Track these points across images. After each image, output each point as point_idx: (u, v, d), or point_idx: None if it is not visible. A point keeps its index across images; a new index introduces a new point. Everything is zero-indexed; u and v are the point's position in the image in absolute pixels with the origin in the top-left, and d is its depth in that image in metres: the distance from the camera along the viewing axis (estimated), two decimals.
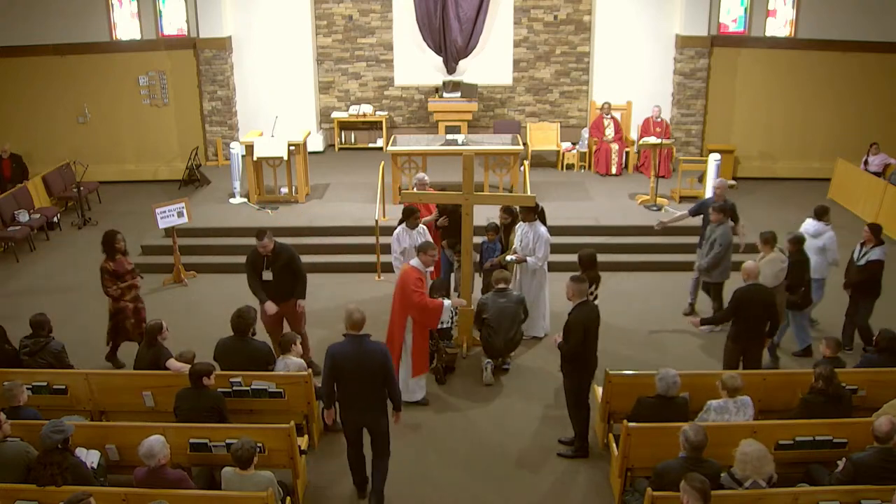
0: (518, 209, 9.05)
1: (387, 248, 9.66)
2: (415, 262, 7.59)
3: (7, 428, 5.71)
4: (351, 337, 6.00)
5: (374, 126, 16.04)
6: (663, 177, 13.18)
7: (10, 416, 5.94)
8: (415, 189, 9.80)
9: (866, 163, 13.93)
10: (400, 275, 7.61)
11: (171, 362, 6.94)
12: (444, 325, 8.36)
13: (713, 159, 12.53)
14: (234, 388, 6.73)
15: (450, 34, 15.11)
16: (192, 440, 6.09)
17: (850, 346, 8.71)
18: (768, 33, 14.95)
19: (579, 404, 6.94)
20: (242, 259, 11.10)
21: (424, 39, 15.29)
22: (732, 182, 14.46)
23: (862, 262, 8.44)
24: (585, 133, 14.96)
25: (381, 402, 6.12)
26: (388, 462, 6.30)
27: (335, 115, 15.98)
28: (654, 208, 12.29)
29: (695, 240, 9.80)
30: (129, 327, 8.39)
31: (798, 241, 8.33)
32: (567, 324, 6.77)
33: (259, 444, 5.87)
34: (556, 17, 15.59)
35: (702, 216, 9.57)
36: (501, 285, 8.15)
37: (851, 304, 8.70)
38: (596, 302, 8.18)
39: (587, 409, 7.00)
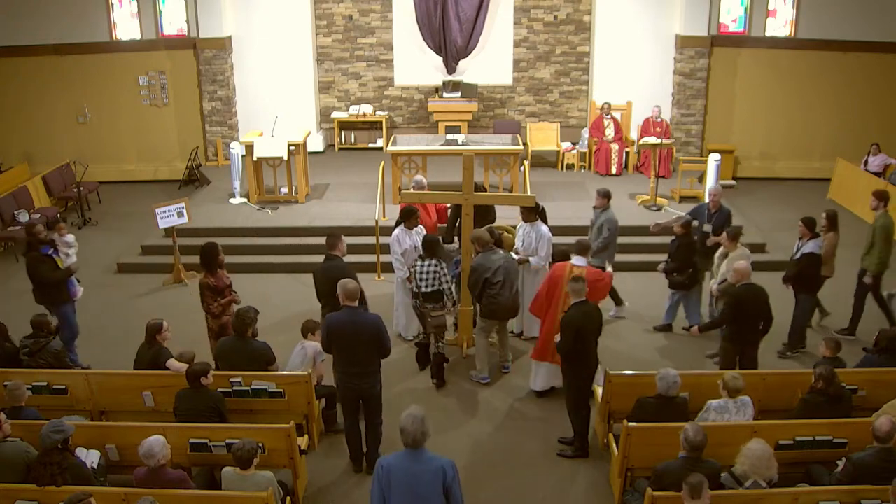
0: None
1: (387, 248, 9.65)
2: (580, 260, 7.61)
3: (7, 428, 5.71)
4: (347, 308, 6.38)
5: (374, 126, 16.04)
6: (663, 177, 13.18)
7: (11, 416, 5.94)
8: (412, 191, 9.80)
9: (866, 163, 13.93)
10: (550, 273, 7.65)
11: (171, 362, 6.93)
12: (429, 289, 7.93)
13: (713, 159, 12.53)
14: (234, 388, 6.73)
15: (450, 34, 15.11)
16: (192, 440, 6.09)
17: (804, 345, 8.76)
18: (768, 33, 14.95)
19: (579, 404, 6.94)
20: (243, 259, 11.21)
21: (424, 39, 15.29)
22: (732, 182, 14.48)
23: (798, 255, 8.45)
24: (585, 133, 14.96)
25: (375, 369, 6.51)
26: (381, 429, 6.73)
27: (335, 115, 15.98)
28: (655, 208, 12.30)
29: None
30: None
31: (686, 225, 8.68)
32: (561, 323, 6.79)
33: (259, 444, 5.88)
34: (556, 17, 15.59)
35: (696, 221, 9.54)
36: (489, 247, 8.01)
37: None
38: None
39: (587, 408, 7.01)
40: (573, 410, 6.97)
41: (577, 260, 7.60)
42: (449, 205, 9.73)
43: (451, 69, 15.47)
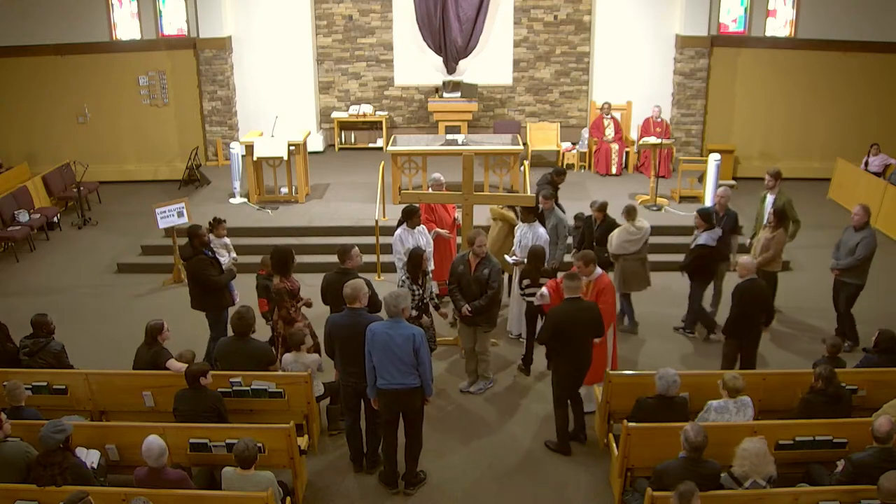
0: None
1: (386, 248, 9.66)
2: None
3: (7, 428, 5.72)
4: (347, 310, 6.49)
5: (374, 126, 16.04)
6: (663, 177, 13.19)
7: (11, 416, 5.94)
8: (430, 189, 9.81)
9: (866, 163, 13.92)
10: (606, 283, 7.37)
11: (171, 362, 6.93)
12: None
13: (713, 159, 12.53)
14: (234, 388, 6.73)
15: (450, 34, 15.11)
16: (192, 440, 6.09)
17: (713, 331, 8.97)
18: (768, 33, 14.96)
19: (557, 402, 6.92)
20: (242, 259, 11.15)
21: (424, 39, 15.29)
22: (732, 182, 14.48)
23: (692, 245, 8.80)
24: (585, 133, 14.97)
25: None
26: (381, 429, 6.63)
27: (335, 115, 15.98)
28: (655, 208, 12.30)
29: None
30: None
31: (602, 208, 9.26)
32: (546, 314, 6.81)
33: (259, 445, 5.88)
34: (556, 17, 15.60)
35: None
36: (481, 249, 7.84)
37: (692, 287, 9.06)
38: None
39: (565, 408, 6.94)
40: (554, 406, 6.96)
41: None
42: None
43: (451, 69, 15.47)
